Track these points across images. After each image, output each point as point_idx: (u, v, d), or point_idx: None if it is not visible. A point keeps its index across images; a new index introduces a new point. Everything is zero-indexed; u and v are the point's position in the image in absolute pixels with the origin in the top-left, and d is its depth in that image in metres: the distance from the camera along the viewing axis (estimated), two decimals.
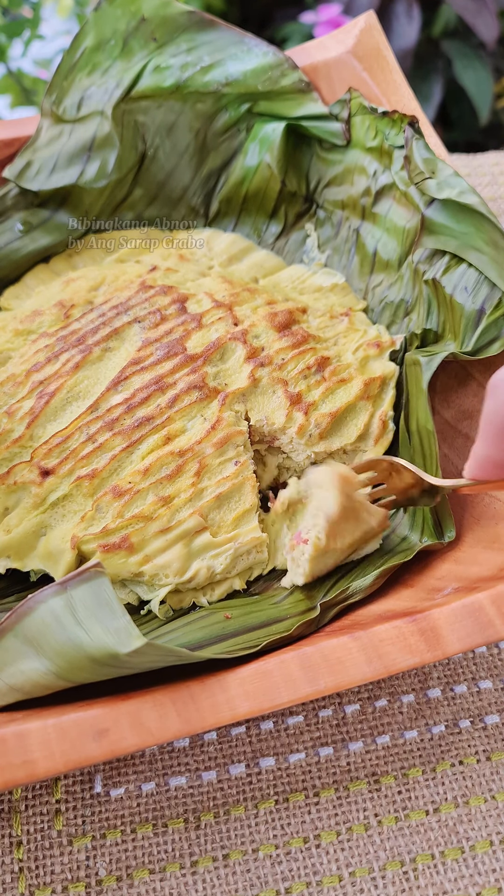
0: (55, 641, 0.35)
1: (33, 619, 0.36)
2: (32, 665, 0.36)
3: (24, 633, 0.36)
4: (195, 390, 0.51)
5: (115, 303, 0.56)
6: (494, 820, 0.46)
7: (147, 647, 0.34)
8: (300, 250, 0.64)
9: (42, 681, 0.37)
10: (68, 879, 0.44)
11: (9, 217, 0.61)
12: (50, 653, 0.36)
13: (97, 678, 0.37)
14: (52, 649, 0.36)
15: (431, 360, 0.50)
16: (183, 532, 0.48)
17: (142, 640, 0.33)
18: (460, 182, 0.52)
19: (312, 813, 0.46)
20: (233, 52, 0.61)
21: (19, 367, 0.54)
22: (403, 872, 0.44)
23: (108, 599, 0.34)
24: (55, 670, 0.36)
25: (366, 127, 0.58)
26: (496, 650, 0.52)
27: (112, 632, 0.34)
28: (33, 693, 0.38)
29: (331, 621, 0.45)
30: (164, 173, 0.64)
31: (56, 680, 0.37)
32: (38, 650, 0.36)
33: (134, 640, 0.33)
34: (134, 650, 0.33)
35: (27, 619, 0.36)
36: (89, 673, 0.36)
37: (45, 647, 0.36)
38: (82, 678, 0.37)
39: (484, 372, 0.52)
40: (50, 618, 0.35)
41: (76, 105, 0.61)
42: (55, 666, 0.36)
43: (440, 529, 0.49)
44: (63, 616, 0.35)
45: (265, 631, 0.44)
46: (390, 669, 0.38)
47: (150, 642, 0.34)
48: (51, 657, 0.36)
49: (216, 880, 0.44)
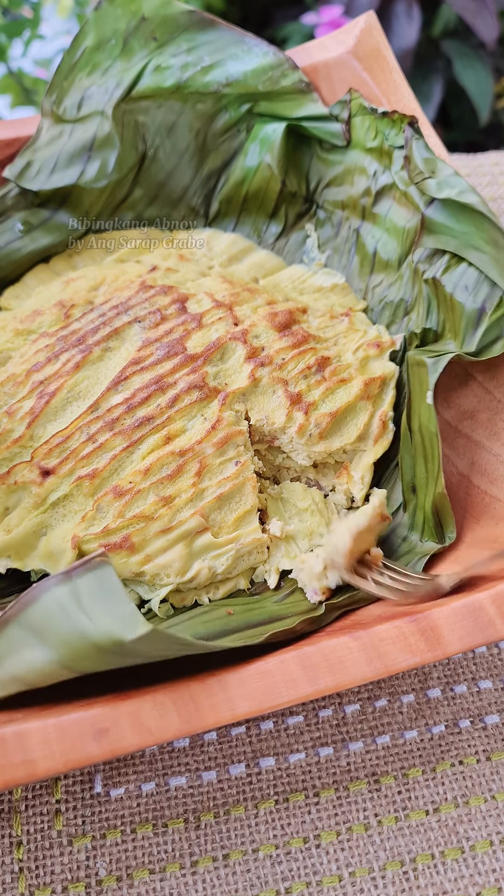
0: (59, 630, 0.35)
1: (37, 607, 0.35)
2: (36, 654, 0.36)
3: (28, 621, 0.36)
4: (195, 390, 0.51)
5: (115, 303, 0.56)
6: (494, 820, 0.46)
7: (152, 634, 0.33)
8: (300, 250, 0.64)
9: (45, 670, 0.37)
10: (68, 879, 0.44)
11: (9, 217, 0.61)
12: (54, 641, 0.35)
13: (101, 667, 0.37)
14: (57, 638, 0.35)
15: (438, 362, 0.49)
16: (184, 532, 0.48)
17: (147, 627, 0.33)
18: (460, 181, 0.52)
19: (312, 813, 0.46)
20: (233, 52, 0.61)
21: (19, 366, 0.54)
22: (403, 872, 0.44)
23: (113, 588, 0.34)
24: (59, 659, 0.36)
25: (366, 127, 0.58)
26: (496, 650, 0.52)
27: (118, 619, 0.34)
28: (36, 683, 0.38)
29: (332, 621, 0.45)
30: (164, 173, 0.64)
31: (60, 669, 0.36)
32: (42, 639, 0.36)
33: (140, 627, 0.33)
34: (139, 637, 0.33)
35: (31, 608, 0.36)
36: (94, 662, 0.36)
37: (49, 636, 0.36)
38: (86, 667, 0.37)
39: (484, 372, 0.52)
40: (54, 606, 0.35)
41: (76, 105, 0.61)
42: (59, 655, 0.36)
43: (441, 531, 0.49)
44: (68, 604, 0.35)
45: (268, 627, 0.44)
46: (390, 669, 0.38)
47: (155, 629, 0.33)
48: (55, 646, 0.36)
49: (216, 880, 0.44)
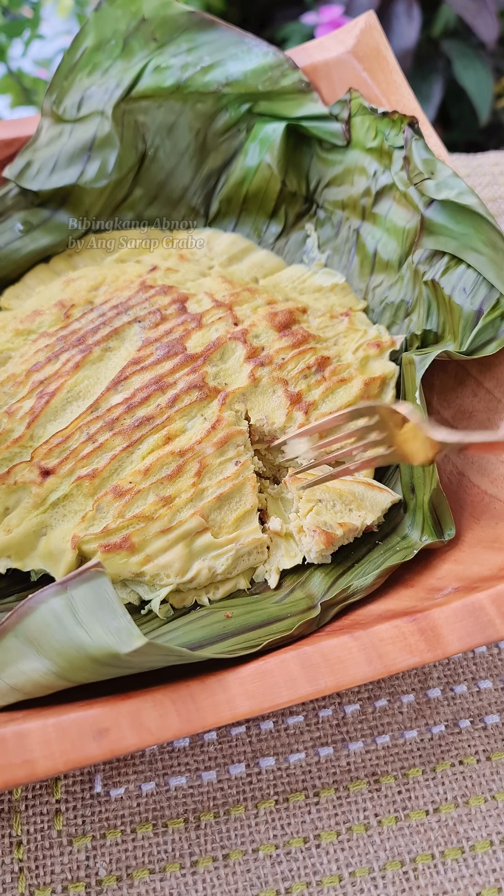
0: (56, 641, 0.35)
1: (34, 619, 0.36)
2: (33, 665, 0.37)
3: (24, 633, 0.36)
4: (195, 390, 0.51)
5: (115, 302, 0.56)
6: (494, 820, 0.46)
7: (148, 647, 0.34)
8: (300, 250, 0.64)
9: (43, 681, 0.37)
10: (68, 879, 0.44)
11: (9, 217, 0.61)
12: (51, 653, 0.36)
13: (98, 678, 0.37)
14: (53, 649, 0.36)
15: (425, 359, 0.50)
16: (184, 532, 0.48)
17: (142, 640, 0.33)
18: (459, 183, 0.52)
19: (312, 813, 0.46)
20: (233, 53, 0.61)
21: (19, 366, 0.54)
22: (403, 872, 0.44)
23: (108, 599, 0.34)
24: (56, 670, 0.36)
25: (366, 127, 0.58)
26: (496, 650, 0.52)
27: (113, 632, 0.34)
28: (34, 693, 0.38)
29: (331, 621, 0.45)
30: (164, 173, 0.64)
31: (57, 680, 0.37)
32: (39, 650, 0.36)
33: (135, 640, 0.33)
34: (134, 650, 0.33)
35: (27, 619, 0.36)
36: (90, 673, 0.36)
37: (45, 647, 0.36)
38: (83, 678, 0.37)
39: (483, 372, 0.52)
40: (50, 618, 0.35)
41: (76, 105, 0.61)
42: (56, 666, 0.36)
43: (440, 528, 0.49)
44: (64, 616, 0.35)
45: (266, 630, 0.44)
46: (390, 669, 0.38)
47: (150, 642, 0.34)
48: (51, 657, 0.36)
49: (216, 880, 0.44)
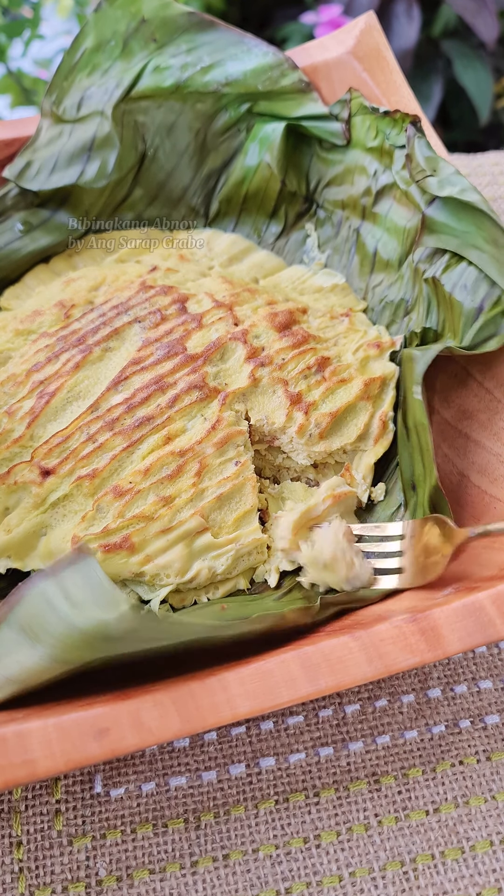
0: (48, 623, 0.35)
1: (24, 605, 0.36)
2: (28, 653, 0.36)
3: (16, 621, 0.36)
4: (195, 390, 0.51)
5: (115, 303, 0.56)
6: (494, 820, 0.46)
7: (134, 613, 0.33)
8: (300, 250, 0.64)
9: (39, 667, 0.37)
10: (68, 879, 0.44)
11: (9, 217, 0.61)
12: (44, 636, 0.36)
13: (94, 655, 0.37)
14: (46, 632, 0.36)
15: (425, 354, 0.50)
16: (184, 532, 0.48)
17: (128, 604, 0.33)
18: (462, 180, 0.52)
19: (312, 813, 0.46)
20: (233, 53, 0.61)
21: (20, 366, 0.54)
22: (403, 872, 0.44)
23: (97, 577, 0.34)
24: (51, 653, 0.36)
25: (366, 127, 0.58)
26: (496, 650, 0.52)
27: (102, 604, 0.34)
28: (30, 682, 0.38)
29: (331, 620, 0.45)
30: (164, 173, 0.64)
31: (53, 664, 0.37)
32: (33, 636, 0.36)
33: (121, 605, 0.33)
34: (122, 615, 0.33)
35: (18, 607, 0.36)
36: (84, 651, 0.36)
37: (38, 632, 0.36)
38: (79, 657, 0.37)
39: (484, 371, 0.52)
40: (41, 601, 0.35)
41: (76, 105, 0.61)
42: (51, 649, 0.36)
43: None
44: (54, 597, 0.35)
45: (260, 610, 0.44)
46: (391, 669, 0.38)
47: (135, 604, 0.33)
48: (45, 640, 0.36)
49: (216, 880, 0.44)
